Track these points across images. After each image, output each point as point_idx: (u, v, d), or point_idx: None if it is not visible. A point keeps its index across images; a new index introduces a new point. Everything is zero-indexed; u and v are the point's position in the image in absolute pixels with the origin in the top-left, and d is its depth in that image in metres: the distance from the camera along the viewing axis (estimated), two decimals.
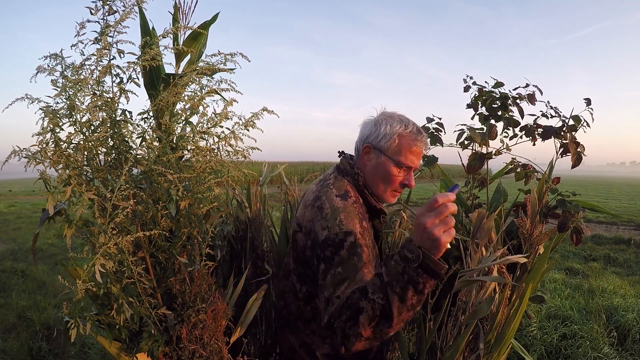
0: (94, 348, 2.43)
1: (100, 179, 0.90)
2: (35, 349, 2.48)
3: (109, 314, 0.90)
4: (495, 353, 1.10)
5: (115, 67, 0.89)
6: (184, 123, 1.02)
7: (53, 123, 0.85)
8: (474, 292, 1.08)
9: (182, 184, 0.97)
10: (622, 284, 3.99)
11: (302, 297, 1.07)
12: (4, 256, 4.67)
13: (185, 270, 1.00)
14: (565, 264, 4.87)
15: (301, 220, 1.04)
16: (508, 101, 1.47)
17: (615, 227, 7.71)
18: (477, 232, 1.15)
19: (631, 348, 2.67)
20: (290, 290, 1.11)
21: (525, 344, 2.59)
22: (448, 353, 1.07)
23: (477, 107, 1.55)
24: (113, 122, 0.90)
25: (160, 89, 1.06)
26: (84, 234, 0.87)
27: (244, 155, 1.03)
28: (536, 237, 1.18)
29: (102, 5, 0.88)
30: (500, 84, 1.51)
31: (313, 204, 1.02)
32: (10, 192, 12.90)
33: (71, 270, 1.03)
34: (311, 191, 1.08)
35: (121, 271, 0.89)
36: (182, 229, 1.00)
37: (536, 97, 1.48)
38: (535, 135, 1.46)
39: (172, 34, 0.95)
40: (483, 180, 1.60)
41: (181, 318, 0.97)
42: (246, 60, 0.99)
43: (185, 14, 1.37)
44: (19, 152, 0.80)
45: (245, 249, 1.53)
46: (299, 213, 1.07)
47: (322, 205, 0.99)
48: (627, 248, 5.82)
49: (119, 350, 0.96)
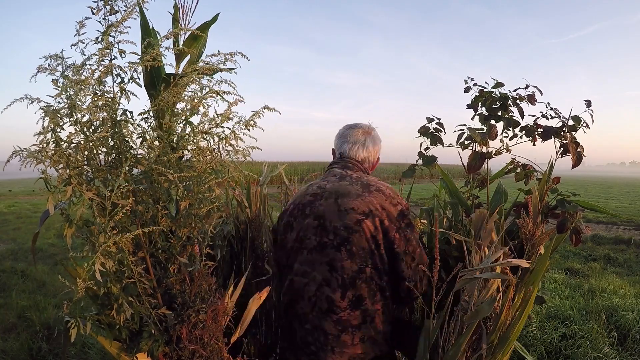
0: (94, 348, 2.42)
1: (100, 179, 0.90)
2: (35, 349, 2.48)
3: (109, 313, 0.90)
4: (498, 354, 1.09)
5: (116, 67, 0.89)
6: (184, 123, 1.02)
7: (54, 123, 0.85)
8: (476, 291, 1.08)
9: (182, 184, 0.97)
10: (622, 284, 3.99)
11: (386, 286, 1.16)
12: (4, 256, 4.67)
13: (185, 270, 1.00)
14: (565, 264, 4.87)
15: (364, 208, 1.14)
16: (508, 101, 1.47)
17: (615, 227, 7.71)
18: (479, 232, 1.15)
19: (631, 348, 2.67)
20: (370, 294, 1.12)
21: (525, 344, 2.59)
22: (450, 352, 1.07)
23: (477, 107, 1.55)
24: (114, 122, 0.90)
25: (160, 89, 1.06)
26: (84, 234, 0.87)
27: (244, 155, 1.03)
28: (538, 238, 1.18)
29: (103, 5, 0.88)
30: (500, 85, 1.51)
31: (369, 190, 1.17)
32: (10, 192, 12.90)
33: (71, 270, 1.03)
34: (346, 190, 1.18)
35: (121, 271, 0.89)
36: (182, 229, 1.00)
37: (536, 97, 1.48)
38: (536, 136, 1.46)
39: (173, 35, 0.95)
40: (483, 180, 1.60)
41: (181, 318, 0.97)
42: (246, 59, 0.99)
43: (186, 14, 1.37)
44: (19, 152, 0.80)
45: (245, 249, 1.53)
46: (353, 205, 1.14)
47: (379, 188, 1.19)
48: (627, 248, 5.82)
49: (119, 350, 0.96)
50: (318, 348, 1.13)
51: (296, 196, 1.30)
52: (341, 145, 1.32)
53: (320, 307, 1.13)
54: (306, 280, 1.17)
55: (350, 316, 1.11)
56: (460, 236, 1.18)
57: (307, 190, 1.26)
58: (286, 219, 1.26)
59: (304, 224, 1.19)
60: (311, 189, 1.25)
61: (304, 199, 1.24)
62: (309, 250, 1.17)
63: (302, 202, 1.23)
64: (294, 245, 1.21)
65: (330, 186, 1.21)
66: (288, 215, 1.26)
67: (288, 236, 1.24)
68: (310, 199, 1.22)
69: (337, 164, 1.30)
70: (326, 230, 1.15)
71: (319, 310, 1.14)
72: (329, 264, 1.13)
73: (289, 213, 1.26)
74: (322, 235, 1.16)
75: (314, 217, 1.18)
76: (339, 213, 1.15)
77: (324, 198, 1.19)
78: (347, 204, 1.15)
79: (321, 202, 1.19)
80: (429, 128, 1.58)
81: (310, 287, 1.16)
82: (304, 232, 1.19)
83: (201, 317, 0.98)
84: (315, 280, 1.15)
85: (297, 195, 1.30)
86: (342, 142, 1.32)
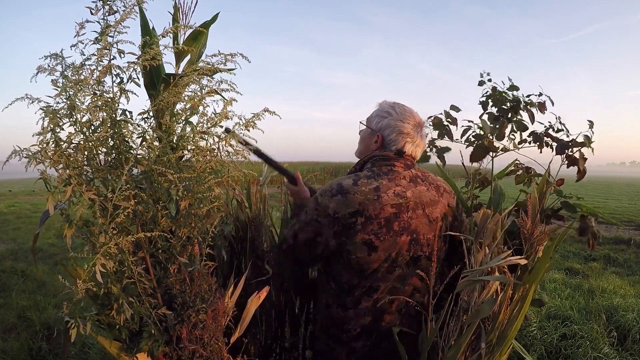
0: (94, 348, 2.42)
1: (100, 179, 0.90)
2: (35, 349, 2.47)
3: (109, 314, 0.90)
4: (497, 353, 1.10)
5: (115, 67, 0.89)
6: (184, 123, 1.02)
7: (53, 123, 0.85)
8: (476, 292, 1.08)
9: (182, 184, 0.97)
10: (622, 284, 3.99)
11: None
12: (4, 256, 4.67)
13: (185, 270, 1.00)
14: (565, 264, 4.87)
15: (442, 211, 1.18)
16: (520, 105, 1.49)
17: (615, 227, 7.71)
18: (481, 232, 1.15)
19: (631, 348, 2.67)
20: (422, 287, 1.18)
21: (525, 344, 2.59)
22: (450, 353, 1.07)
23: (487, 106, 1.55)
24: (113, 122, 0.90)
25: (160, 89, 1.06)
26: (84, 234, 0.87)
27: (244, 156, 1.03)
28: (536, 237, 1.18)
29: (102, 5, 0.88)
30: (516, 88, 1.52)
31: (440, 193, 1.20)
32: (10, 192, 12.90)
33: (71, 270, 1.03)
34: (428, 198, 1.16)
35: (121, 271, 0.89)
36: (182, 229, 1.00)
37: (547, 106, 1.50)
38: (543, 144, 1.49)
39: (172, 33, 0.95)
40: (484, 181, 1.60)
41: (181, 318, 0.97)
42: (246, 60, 0.99)
43: (185, 14, 1.37)
44: (19, 152, 0.80)
45: (245, 249, 1.53)
46: (438, 213, 1.17)
47: (446, 189, 1.23)
48: (627, 248, 5.82)
49: (119, 350, 0.96)
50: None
51: (361, 200, 1.08)
52: (401, 143, 1.17)
53: (410, 313, 1.16)
54: (393, 298, 1.13)
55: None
56: (461, 235, 1.18)
57: (380, 198, 1.08)
58: (362, 235, 1.08)
59: (395, 242, 1.09)
60: (387, 196, 1.08)
61: (384, 210, 1.08)
62: (401, 267, 1.13)
63: (383, 216, 1.08)
64: (382, 266, 1.10)
65: (410, 194, 1.12)
66: (365, 232, 1.07)
67: (371, 257, 1.09)
68: (394, 210, 1.09)
69: (397, 161, 1.16)
70: (420, 243, 1.13)
71: (408, 316, 1.16)
72: (420, 274, 1.11)
73: (367, 230, 1.07)
74: (416, 249, 1.13)
75: (407, 233, 1.11)
76: (429, 225, 1.14)
77: (412, 210, 1.11)
78: (434, 214, 1.16)
79: (409, 214, 1.11)
80: (441, 119, 1.57)
81: (399, 301, 1.14)
82: (397, 251, 1.11)
83: (201, 317, 0.98)
84: (405, 292, 1.14)
85: (362, 200, 1.08)
86: (404, 140, 1.17)
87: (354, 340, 1.17)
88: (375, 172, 1.14)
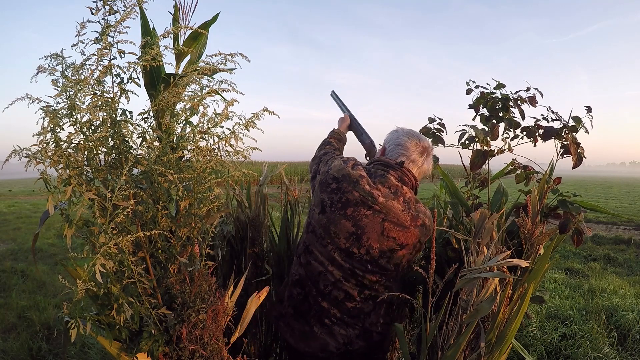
0: (94, 348, 2.42)
1: (100, 179, 0.90)
2: (35, 349, 2.47)
3: (109, 314, 0.90)
4: (496, 352, 1.10)
5: (115, 67, 0.89)
6: (184, 123, 1.02)
7: (53, 123, 0.85)
8: (475, 291, 1.08)
9: (182, 184, 0.97)
10: (622, 284, 3.99)
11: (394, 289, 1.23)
12: (4, 256, 4.67)
13: (185, 270, 1.00)
14: (565, 264, 4.87)
15: (404, 240, 1.17)
16: (509, 103, 1.48)
17: (615, 227, 7.70)
18: (479, 231, 1.15)
19: (631, 348, 2.67)
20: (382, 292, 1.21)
21: (525, 344, 2.59)
22: (449, 352, 1.07)
23: (479, 108, 1.55)
24: (113, 122, 0.90)
25: (160, 89, 1.06)
26: (84, 234, 0.87)
27: (244, 156, 1.03)
28: (537, 237, 1.18)
29: (102, 5, 0.88)
30: (502, 86, 1.51)
31: (416, 224, 1.18)
32: (10, 192, 12.90)
33: (71, 270, 1.03)
34: (396, 217, 1.16)
35: (121, 271, 0.89)
36: (182, 229, 1.00)
37: (537, 99, 1.49)
38: (536, 137, 1.47)
39: (172, 34, 0.95)
40: (483, 181, 1.60)
41: (181, 318, 0.97)
42: (246, 60, 0.99)
43: (186, 14, 1.37)
44: (19, 151, 0.80)
45: (245, 249, 1.53)
46: (396, 235, 1.16)
47: (424, 223, 1.19)
48: (627, 248, 5.81)
49: (119, 350, 0.96)
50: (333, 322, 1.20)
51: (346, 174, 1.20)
52: (396, 155, 1.27)
53: (337, 296, 1.19)
54: (322, 269, 1.19)
55: (363, 305, 1.19)
56: (462, 235, 1.18)
57: (357, 183, 1.17)
58: (324, 195, 1.20)
59: (340, 221, 1.16)
60: (363, 187, 1.17)
61: (352, 194, 1.17)
62: (334, 249, 1.17)
63: (347, 196, 1.17)
64: (321, 233, 1.18)
65: (382, 200, 1.15)
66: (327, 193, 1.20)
67: (319, 217, 1.20)
68: (358, 199, 1.16)
69: (395, 170, 1.22)
70: (360, 243, 1.15)
71: (334, 299, 1.19)
72: (351, 270, 1.17)
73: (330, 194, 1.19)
74: (352, 244, 1.15)
75: (353, 223, 1.15)
76: (379, 237, 1.15)
77: (372, 211, 1.15)
78: (390, 232, 1.15)
79: (367, 212, 1.15)
80: (430, 128, 1.59)
81: (327, 278, 1.19)
82: (337, 230, 1.16)
83: (201, 317, 0.98)
84: (333, 275, 1.18)
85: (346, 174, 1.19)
86: (399, 152, 1.26)
87: (292, 285, 1.28)
88: (372, 171, 1.25)
